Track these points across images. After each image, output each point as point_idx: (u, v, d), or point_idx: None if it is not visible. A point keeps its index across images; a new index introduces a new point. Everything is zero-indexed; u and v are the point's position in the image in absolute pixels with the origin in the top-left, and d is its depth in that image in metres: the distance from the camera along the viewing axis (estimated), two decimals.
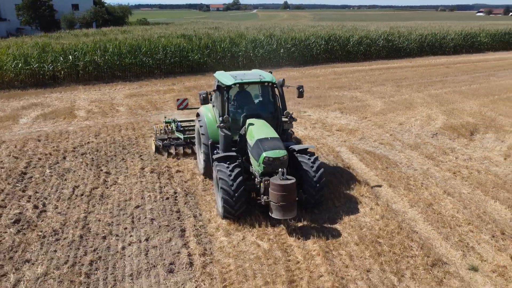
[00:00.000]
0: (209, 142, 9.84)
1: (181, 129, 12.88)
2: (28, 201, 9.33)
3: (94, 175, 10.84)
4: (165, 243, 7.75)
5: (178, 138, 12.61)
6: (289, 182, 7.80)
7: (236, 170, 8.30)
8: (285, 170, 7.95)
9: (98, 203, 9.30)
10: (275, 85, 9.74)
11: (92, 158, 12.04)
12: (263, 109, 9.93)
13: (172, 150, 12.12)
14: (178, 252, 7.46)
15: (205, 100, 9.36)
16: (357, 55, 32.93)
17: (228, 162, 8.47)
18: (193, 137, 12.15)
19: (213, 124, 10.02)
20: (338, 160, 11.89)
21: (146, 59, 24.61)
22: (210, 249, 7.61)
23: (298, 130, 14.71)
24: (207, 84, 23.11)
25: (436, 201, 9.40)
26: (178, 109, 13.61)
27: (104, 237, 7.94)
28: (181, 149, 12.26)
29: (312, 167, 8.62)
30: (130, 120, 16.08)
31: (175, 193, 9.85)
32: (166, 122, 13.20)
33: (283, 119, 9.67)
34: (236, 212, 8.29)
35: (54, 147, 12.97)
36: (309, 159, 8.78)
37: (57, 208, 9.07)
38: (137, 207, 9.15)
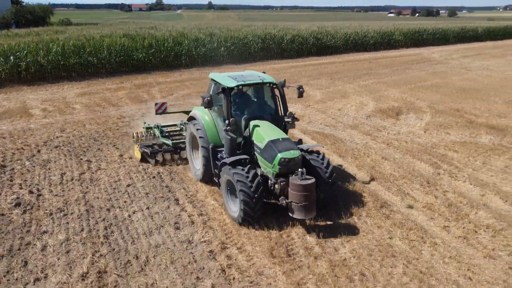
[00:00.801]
0: (210, 146, 9.65)
1: (166, 134, 12.58)
2: (21, 188, 9.98)
3: (76, 163, 11.63)
4: (165, 209, 9.04)
5: (163, 144, 12.16)
6: (309, 181, 7.87)
7: (253, 172, 8.23)
8: (304, 170, 8.02)
9: (90, 185, 10.24)
10: (275, 86, 9.67)
11: (68, 149, 12.72)
12: (264, 110, 9.82)
13: (160, 157, 11.67)
14: (179, 215, 8.81)
15: (209, 104, 8.95)
16: (291, 52, 35.46)
17: (243, 166, 8.37)
18: (182, 142, 11.86)
19: (212, 127, 9.85)
20: (294, 140, 13.80)
21: (91, 59, 24.77)
22: (205, 210, 9.04)
23: None
24: (155, 81, 23.98)
25: (376, 165, 11.66)
26: (157, 113, 12.85)
27: (108, 210, 9.01)
28: (168, 155, 11.83)
29: (322, 164, 8.75)
30: (90, 116, 16.65)
31: (159, 173, 11.05)
32: (147, 128, 12.81)
33: (286, 119, 9.64)
34: (255, 214, 8.16)
35: (22, 142, 13.35)
36: (318, 156, 8.93)
37: (52, 192, 9.86)
38: (129, 185, 10.25)
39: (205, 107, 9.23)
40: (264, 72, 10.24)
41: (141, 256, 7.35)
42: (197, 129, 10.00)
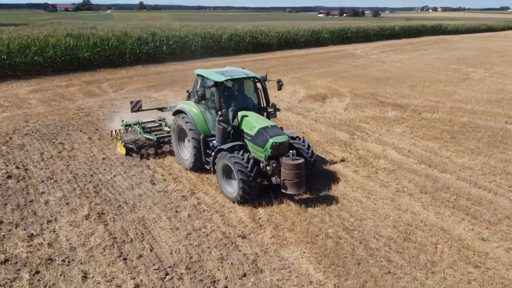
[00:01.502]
0: (201, 137, 10.41)
1: (148, 130, 13.18)
2: (7, 165, 11.50)
3: (50, 145, 13.22)
4: (140, 172, 11.13)
5: (145, 140, 12.67)
6: (300, 161, 8.97)
7: (247, 156, 9.19)
8: (294, 151, 9.14)
9: (70, 160, 11.99)
10: (258, 80, 10.70)
11: (39, 135, 14.19)
12: (249, 102, 10.77)
13: (144, 151, 12.23)
14: (152, 175, 10.96)
15: (203, 97, 9.84)
16: (229, 50, 37.96)
17: (238, 151, 9.39)
18: (166, 137, 12.61)
19: (201, 119, 10.64)
20: None
21: (37, 58, 25.47)
22: (173, 171, 11.27)
23: None
24: (103, 78, 25.29)
25: (307, 134, 14.53)
26: (132, 111, 13.44)
27: (92, 175, 10.92)
28: (152, 150, 12.39)
29: (304, 146, 9.99)
30: (49, 109, 17.91)
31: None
32: (126, 125, 13.40)
33: (269, 109, 10.77)
34: (253, 192, 9.12)
35: None
36: (299, 140, 10.23)
37: (36, 167, 11.49)
38: (104, 158, 12.14)
39: (198, 101, 10.12)
40: (243, 68, 11.30)
41: (129, 202, 9.46)
42: (187, 122, 10.67)
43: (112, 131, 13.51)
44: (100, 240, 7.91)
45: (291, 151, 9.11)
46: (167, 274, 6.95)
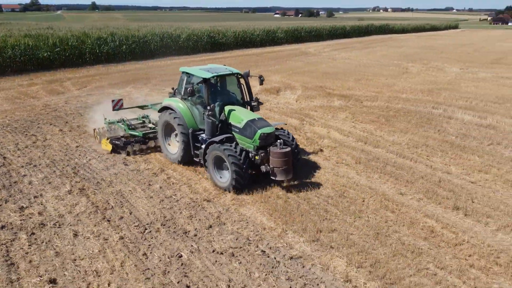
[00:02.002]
0: (190, 131, 10.90)
1: (132, 127, 13.47)
2: None
3: (24, 137, 14.13)
4: (113, 156, 12.38)
5: (131, 136, 13.04)
6: (287, 149, 9.66)
7: (239, 148, 9.77)
8: (282, 141, 9.83)
9: (46, 149, 13.02)
10: (241, 76, 11.24)
11: (10, 129, 15.01)
12: (233, 97, 11.34)
13: (130, 148, 12.45)
14: (125, 158, 12.25)
15: (192, 93, 10.31)
16: (188, 49, 39.17)
17: (229, 143, 9.91)
18: (151, 133, 12.97)
19: (189, 115, 11.10)
20: None
21: None
22: (144, 155, 12.61)
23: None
24: (65, 77, 25.87)
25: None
26: (114, 110, 13.72)
27: (68, 160, 12.07)
28: (138, 145, 12.63)
29: (289, 137, 10.79)
30: (14, 107, 18.56)
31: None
32: (110, 123, 13.64)
33: (253, 103, 11.40)
34: (245, 182, 9.73)
35: None
36: (284, 131, 10.94)
37: (14, 155, 12.46)
38: (77, 146, 13.27)
39: (188, 97, 10.84)
40: (225, 65, 11.81)
41: (106, 179, 10.76)
42: (175, 118, 11.10)
43: (94, 129, 13.70)
44: (84, 208, 9.21)
45: (278, 141, 9.79)
46: (145, 229, 8.40)
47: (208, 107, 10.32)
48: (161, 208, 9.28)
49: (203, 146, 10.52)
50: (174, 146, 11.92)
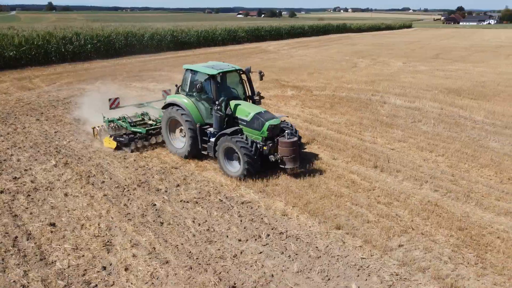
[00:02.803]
0: (198, 126, 11.37)
1: (134, 124, 13.57)
2: None
3: (4, 125, 15.48)
4: (91, 138, 14.06)
5: (133, 133, 13.17)
6: (295, 139, 10.51)
7: (250, 139, 10.47)
8: (289, 131, 10.67)
9: (27, 134, 14.48)
10: (242, 72, 11.89)
11: None
12: (236, 92, 11.94)
13: (134, 145, 12.80)
14: (101, 140, 13.96)
15: (201, 89, 10.87)
16: (151, 48, 40.54)
17: (240, 135, 10.59)
18: (154, 129, 13.27)
19: (195, 110, 11.54)
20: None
21: None
22: None
23: (138, 92, 21.63)
24: (33, 75, 26.84)
25: None
26: (111, 108, 13.93)
27: (50, 142, 13.65)
28: (141, 142, 13.00)
29: (292, 128, 11.50)
30: None
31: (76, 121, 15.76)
32: (109, 121, 13.71)
33: (255, 98, 11.97)
34: (255, 170, 10.44)
35: None
36: (287, 123, 11.69)
37: None
38: (56, 132, 14.82)
39: (197, 92, 11.24)
40: (224, 62, 12.62)
41: (86, 155, 12.47)
42: (182, 114, 11.49)
43: (94, 127, 13.89)
44: (70, 176, 10.94)
45: (286, 131, 10.59)
46: (124, 189, 10.26)
47: (217, 102, 10.87)
48: (136, 174, 11.15)
49: (212, 139, 11.18)
50: (179, 141, 12.38)
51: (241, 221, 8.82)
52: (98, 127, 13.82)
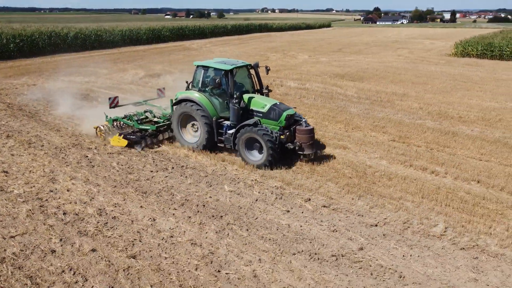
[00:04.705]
0: (214, 119, 11.87)
1: (140, 122, 13.71)
2: None
3: None
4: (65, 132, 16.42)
5: (140, 130, 13.36)
6: (312, 127, 11.34)
7: (270, 129, 11.11)
8: (305, 119, 11.48)
9: (9, 118, 16.47)
10: (251, 67, 12.49)
11: None
12: (247, 86, 12.55)
13: (145, 142, 12.97)
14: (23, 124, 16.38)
15: (220, 84, 11.60)
16: (76, 47, 41.83)
17: (260, 125, 11.13)
18: (163, 126, 13.48)
19: (209, 105, 11.99)
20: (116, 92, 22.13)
21: None
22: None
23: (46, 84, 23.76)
24: None
25: (147, 97, 21.23)
26: (111, 107, 14.09)
27: (33, 118, 15.83)
28: (150, 139, 13.20)
29: (301, 118, 12.00)
30: None
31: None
32: (114, 120, 13.82)
33: (264, 91, 12.57)
34: (277, 157, 11.09)
35: None
36: (296, 113, 12.12)
37: None
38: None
39: (216, 87, 11.88)
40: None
41: (25, 130, 14.92)
42: (197, 109, 11.93)
43: (97, 127, 13.91)
44: (14, 144, 13.44)
45: (303, 120, 11.47)
46: (61, 149, 13.03)
47: (235, 96, 11.57)
48: (70, 140, 13.92)
49: (229, 132, 11.78)
50: (191, 136, 12.89)
51: (153, 161, 12.11)
52: (102, 126, 13.84)
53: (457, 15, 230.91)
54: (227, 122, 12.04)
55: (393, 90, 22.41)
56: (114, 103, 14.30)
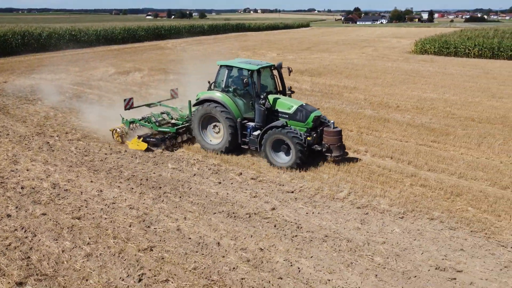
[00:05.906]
0: (239, 120, 11.61)
1: (159, 124, 13.55)
2: None
3: None
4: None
5: (159, 133, 13.22)
6: (339, 129, 11.16)
7: (298, 130, 10.99)
8: (333, 121, 11.23)
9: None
10: (275, 67, 12.29)
11: None
12: (270, 86, 12.38)
13: (164, 145, 12.81)
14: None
15: (247, 84, 11.28)
16: (50, 47, 42.57)
17: (288, 127, 10.98)
18: (182, 127, 13.24)
19: (234, 106, 11.72)
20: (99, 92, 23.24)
21: None
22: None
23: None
24: None
25: (122, 94, 22.42)
26: (126, 109, 13.74)
27: (1, 111, 16.89)
28: (170, 141, 13.04)
29: (325, 119, 11.88)
30: None
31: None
32: (131, 122, 13.59)
33: (287, 92, 12.39)
34: (306, 159, 11.04)
35: None
36: (323, 116, 11.94)
37: None
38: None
39: (244, 87, 11.64)
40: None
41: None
42: (222, 111, 11.60)
43: (114, 129, 13.56)
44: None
45: (331, 121, 11.27)
46: (25, 137, 14.23)
47: (262, 96, 11.32)
48: (34, 129, 15.13)
49: (254, 133, 11.57)
50: (212, 137, 12.55)
51: (109, 145, 13.42)
52: (118, 128, 13.51)
53: (436, 15, 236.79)
54: (251, 124, 11.82)
55: (345, 84, 24.14)
56: (129, 104, 13.90)
